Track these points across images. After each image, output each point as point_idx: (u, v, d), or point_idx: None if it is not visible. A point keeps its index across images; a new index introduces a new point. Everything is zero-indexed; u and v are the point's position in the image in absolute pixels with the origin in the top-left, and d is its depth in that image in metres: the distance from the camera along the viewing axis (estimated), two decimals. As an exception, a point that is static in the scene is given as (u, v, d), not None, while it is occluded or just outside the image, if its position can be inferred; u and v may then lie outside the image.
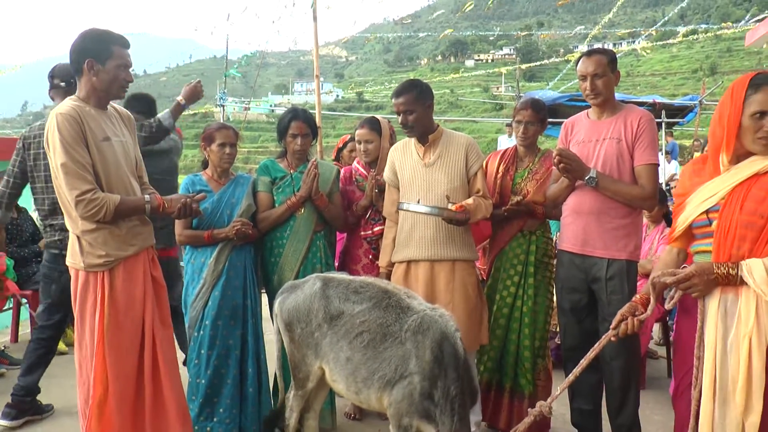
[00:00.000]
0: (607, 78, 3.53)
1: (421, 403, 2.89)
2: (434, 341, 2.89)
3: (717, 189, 2.55)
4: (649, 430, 4.01)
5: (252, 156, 45.21)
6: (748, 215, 2.45)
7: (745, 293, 2.43)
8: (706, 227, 2.60)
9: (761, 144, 2.47)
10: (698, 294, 2.52)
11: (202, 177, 4.00)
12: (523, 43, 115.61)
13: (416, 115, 3.71)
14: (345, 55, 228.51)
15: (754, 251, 2.44)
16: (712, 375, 2.48)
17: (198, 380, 3.83)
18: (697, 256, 2.70)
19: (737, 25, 29.18)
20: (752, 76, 2.55)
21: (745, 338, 2.40)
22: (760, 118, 2.45)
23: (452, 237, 3.71)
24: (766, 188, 2.44)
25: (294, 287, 3.53)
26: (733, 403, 2.44)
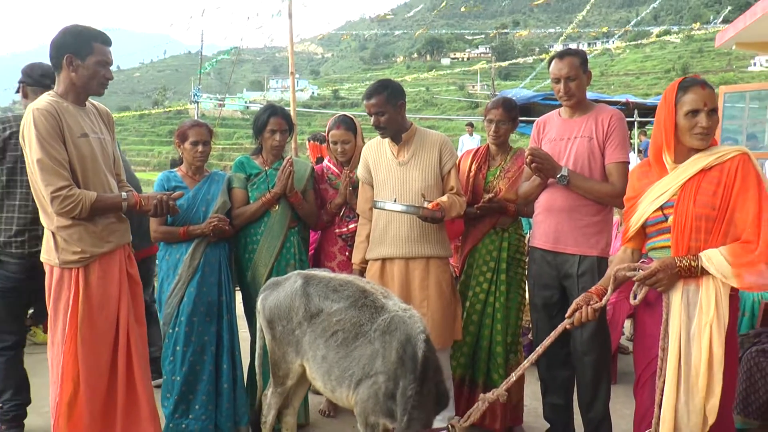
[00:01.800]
0: (579, 80, 3.59)
1: (385, 402, 2.92)
2: (399, 342, 2.91)
3: (668, 186, 2.73)
4: (619, 423, 4.08)
5: (227, 153, 44.86)
6: (702, 208, 2.63)
7: (705, 283, 2.60)
8: (661, 224, 2.76)
9: (698, 139, 2.68)
10: (663, 288, 2.67)
11: (177, 174, 4.00)
12: (499, 42, 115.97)
13: (388, 117, 3.73)
14: (321, 52, 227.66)
15: (710, 242, 2.62)
16: (676, 364, 2.62)
17: (173, 377, 3.83)
18: (653, 252, 2.85)
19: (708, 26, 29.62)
20: (681, 80, 2.79)
21: (707, 326, 2.57)
22: (694, 116, 2.66)
23: (426, 234, 3.75)
24: (714, 182, 2.63)
25: (276, 284, 3.54)
26: (696, 389, 2.58)
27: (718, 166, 2.65)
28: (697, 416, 2.59)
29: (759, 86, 12.71)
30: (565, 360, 3.80)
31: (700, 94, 2.66)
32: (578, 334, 3.62)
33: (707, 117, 2.65)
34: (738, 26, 11.31)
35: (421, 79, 69.71)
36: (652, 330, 2.80)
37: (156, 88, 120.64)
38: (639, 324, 3.04)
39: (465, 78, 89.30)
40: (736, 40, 11.98)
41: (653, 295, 2.79)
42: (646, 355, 2.84)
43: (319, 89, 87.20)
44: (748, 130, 11.99)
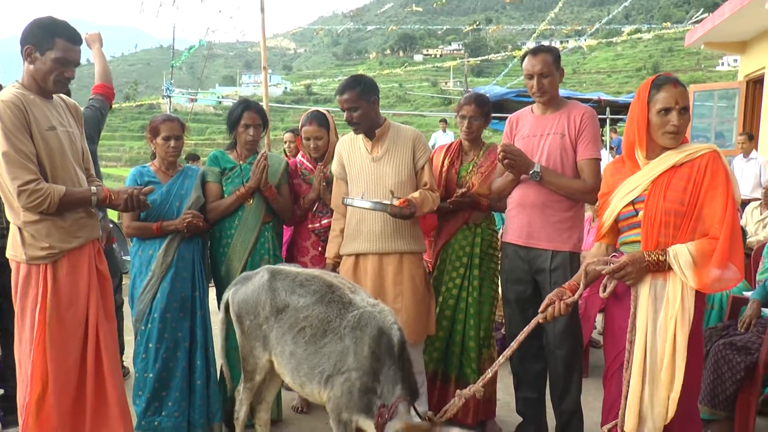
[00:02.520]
0: (552, 77, 3.60)
1: (361, 398, 2.90)
2: (371, 337, 2.91)
3: (639, 181, 2.77)
4: (591, 416, 4.11)
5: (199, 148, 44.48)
6: (671, 203, 2.67)
7: (672, 278, 2.65)
8: (632, 218, 2.81)
9: (669, 138, 2.72)
10: (632, 282, 2.72)
11: (150, 168, 3.96)
12: (472, 39, 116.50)
13: (361, 112, 3.71)
14: (293, 48, 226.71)
15: (679, 237, 2.67)
16: (642, 356, 2.68)
17: (146, 374, 3.79)
18: (624, 247, 2.90)
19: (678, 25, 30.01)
20: (654, 78, 2.82)
21: (672, 319, 2.62)
22: (665, 114, 2.70)
23: (400, 230, 3.74)
24: (684, 178, 2.67)
25: (246, 279, 3.52)
26: (660, 381, 2.64)
27: (688, 163, 2.69)
28: (661, 407, 2.65)
29: (727, 85, 12.92)
30: (537, 354, 3.83)
31: (672, 92, 2.69)
32: (550, 328, 3.66)
33: (678, 115, 2.68)
34: (706, 26, 11.51)
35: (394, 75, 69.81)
36: (620, 322, 2.85)
37: (127, 82, 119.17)
38: (608, 316, 3.09)
39: (438, 74, 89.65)
40: (704, 39, 12.19)
41: (622, 288, 2.83)
42: (615, 347, 2.89)
43: (291, 85, 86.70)
44: (716, 128, 12.16)
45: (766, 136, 10.96)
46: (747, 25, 10.76)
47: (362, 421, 2.96)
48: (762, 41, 11.27)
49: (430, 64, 68.41)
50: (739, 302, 4.71)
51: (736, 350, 4.04)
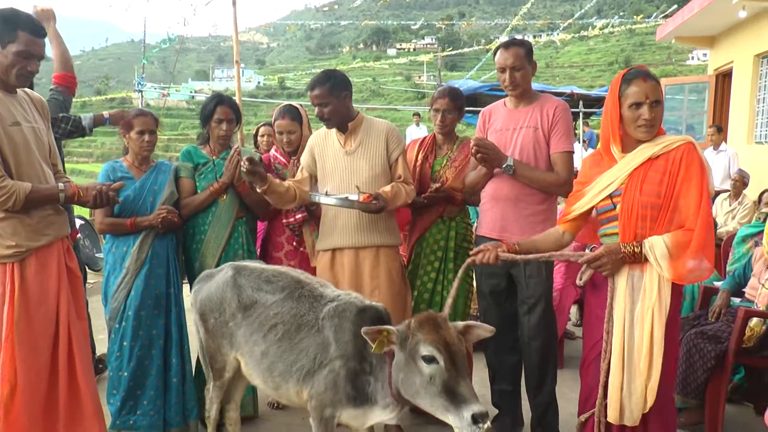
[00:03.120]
0: (524, 70, 3.61)
1: (346, 387, 2.85)
2: (352, 320, 2.87)
3: (616, 175, 2.79)
4: (566, 407, 4.15)
5: (172, 144, 44.02)
6: (648, 196, 2.70)
7: (649, 269, 2.68)
8: (610, 212, 2.83)
9: (642, 131, 2.74)
10: (608, 273, 2.75)
11: (123, 164, 3.89)
12: (445, 33, 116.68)
13: (331, 108, 3.68)
14: (266, 42, 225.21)
15: (656, 229, 2.69)
16: (620, 346, 2.71)
17: (120, 373, 3.73)
18: (605, 239, 2.92)
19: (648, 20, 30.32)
20: (625, 72, 2.84)
21: (649, 310, 2.66)
22: (637, 108, 2.72)
23: (376, 223, 3.74)
24: (660, 171, 2.70)
25: (209, 276, 3.48)
26: (638, 371, 2.68)
27: (664, 155, 2.72)
28: (639, 397, 2.69)
29: (697, 79, 13.09)
30: (512, 346, 3.85)
31: (642, 86, 2.71)
32: (525, 321, 3.69)
33: (650, 109, 2.70)
34: (676, 21, 11.66)
35: (368, 70, 69.73)
36: (597, 312, 2.89)
37: (98, 76, 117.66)
38: (587, 306, 3.13)
39: (411, 68, 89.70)
40: (675, 34, 12.34)
41: (599, 278, 2.86)
42: (592, 337, 2.93)
43: (264, 79, 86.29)
44: (687, 121, 12.31)
45: (734, 128, 11.13)
46: (715, 20, 10.92)
47: (347, 414, 2.91)
48: (730, 36, 11.45)
49: (404, 59, 68.48)
50: (710, 292, 4.78)
51: (707, 339, 4.10)
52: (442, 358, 2.46)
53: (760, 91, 10.52)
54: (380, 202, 3.53)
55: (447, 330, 2.54)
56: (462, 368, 2.48)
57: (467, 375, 2.50)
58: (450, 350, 2.48)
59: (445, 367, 2.46)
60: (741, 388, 4.71)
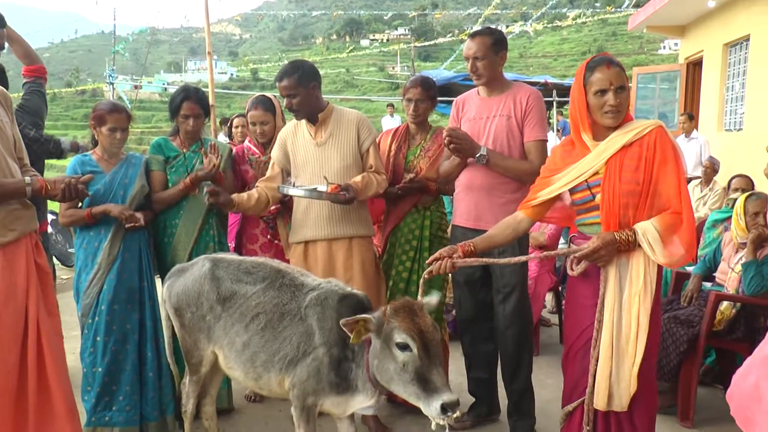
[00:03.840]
0: (488, 60, 3.61)
1: (329, 374, 2.86)
2: (334, 309, 2.88)
3: (591, 164, 2.79)
4: (542, 393, 4.20)
5: (145, 137, 43.43)
6: (627, 184, 2.71)
7: (635, 256, 2.71)
8: (589, 203, 2.84)
9: (608, 117, 2.75)
10: (604, 263, 2.75)
11: (92, 157, 3.80)
12: (418, 24, 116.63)
13: (300, 99, 3.67)
14: (239, 33, 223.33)
15: (637, 216, 2.72)
16: (610, 333, 2.73)
17: (94, 369, 3.68)
18: (583, 228, 2.93)
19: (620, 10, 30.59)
20: (588, 60, 2.86)
21: (636, 296, 2.70)
22: (602, 95, 2.73)
23: (348, 214, 3.73)
24: (635, 157, 2.72)
25: (182, 270, 3.44)
26: (626, 356, 2.71)
27: (637, 141, 2.73)
28: (626, 382, 2.73)
29: (668, 68, 13.21)
30: (488, 335, 3.88)
31: (606, 73, 2.72)
32: (501, 309, 3.71)
33: (615, 95, 2.71)
34: (648, 11, 11.75)
35: (341, 60, 69.53)
36: (584, 301, 2.90)
37: (68, 69, 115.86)
38: (570, 296, 3.11)
39: (385, 59, 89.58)
40: (646, 23, 12.45)
41: (589, 267, 2.85)
42: (579, 326, 2.93)
43: (238, 71, 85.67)
44: (659, 109, 12.43)
45: (705, 116, 11.26)
46: (685, 9, 11.04)
47: (329, 401, 2.92)
48: (700, 25, 11.57)
49: (377, 49, 68.34)
50: (683, 277, 4.85)
51: (680, 323, 4.17)
52: (415, 345, 2.48)
53: (729, 79, 10.65)
54: (350, 192, 3.52)
55: (422, 318, 2.56)
56: (435, 356, 2.49)
57: (440, 363, 2.51)
58: (424, 338, 2.49)
59: (418, 355, 2.48)
60: (712, 371, 4.80)
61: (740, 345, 4.21)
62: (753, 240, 4.18)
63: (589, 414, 2.82)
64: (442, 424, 2.41)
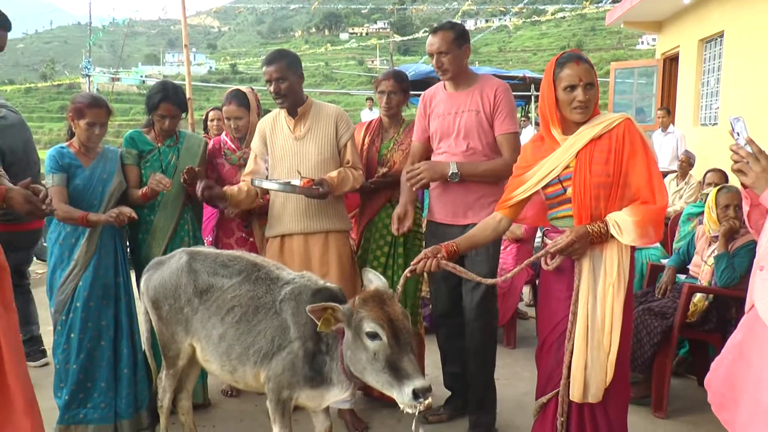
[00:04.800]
0: (452, 54, 3.59)
1: (304, 368, 2.86)
2: (308, 302, 2.84)
3: (561, 159, 2.82)
4: (518, 386, 4.24)
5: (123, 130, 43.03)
6: (598, 176, 2.74)
7: (609, 248, 2.75)
8: (560, 196, 2.86)
9: (577, 113, 2.78)
10: (578, 256, 2.78)
11: (70, 150, 3.71)
12: (398, 18, 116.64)
13: (289, 83, 3.67)
14: (217, 26, 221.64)
15: (609, 207, 2.75)
16: (584, 324, 2.76)
17: (67, 366, 3.64)
18: (556, 221, 2.95)
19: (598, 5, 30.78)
20: (558, 56, 2.88)
21: (610, 287, 2.73)
22: (571, 90, 2.75)
23: (325, 209, 3.74)
24: (605, 150, 2.75)
25: (160, 263, 3.42)
26: (601, 347, 2.75)
27: (606, 134, 2.76)
28: (601, 372, 2.76)
29: (645, 63, 13.31)
30: (462, 330, 3.87)
31: (575, 69, 2.74)
32: (468, 301, 3.71)
33: (584, 91, 2.74)
34: (624, 6, 11.83)
35: (320, 54, 69.23)
36: (558, 294, 2.92)
37: (43, 60, 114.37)
38: (543, 289, 3.13)
39: (364, 53, 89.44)
40: (623, 19, 12.53)
41: (564, 260, 2.87)
42: (552, 319, 2.95)
43: (216, 64, 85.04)
44: (636, 104, 12.53)
45: (681, 111, 11.37)
46: (662, 5, 11.12)
47: (304, 395, 2.92)
48: (676, 21, 11.67)
49: (356, 43, 68.12)
50: (657, 269, 4.91)
51: (654, 315, 4.22)
52: (385, 334, 2.48)
53: (705, 74, 10.76)
54: (324, 187, 3.51)
55: (392, 306, 2.56)
56: (405, 344, 2.50)
57: (411, 350, 2.51)
58: (393, 326, 2.50)
59: (388, 343, 2.49)
60: (686, 362, 4.87)
61: (712, 336, 4.28)
62: (724, 233, 4.25)
63: (563, 405, 2.85)
64: (413, 411, 2.42)
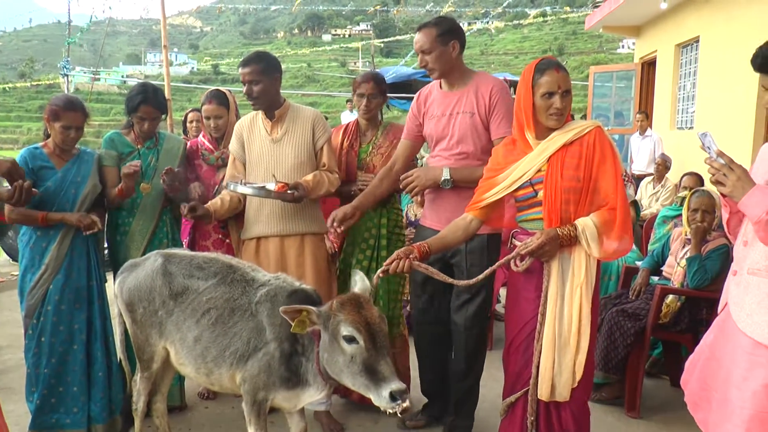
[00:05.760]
0: (437, 52, 3.44)
1: (280, 369, 2.87)
2: (284, 304, 2.83)
3: (533, 162, 2.86)
4: (494, 387, 4.24)
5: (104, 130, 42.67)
6: (568, 181, 2.79)
7: (577, 250, 2.80)
8: (531, 199, 2.90)
9: (553, 119, 2.83)
10: (548, 258, 2.82)
11: (43, 151, 3.66)
12: (380, 20, 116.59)
13: (262, 87, 3.66)
14: (200, 26, 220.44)
15: (578, 212, 2.81)
16: (553, 325, 2.81)
17: (38, 370, 3.60)
18: (525, 224, 2.99)
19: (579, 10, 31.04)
20: (537, 62, 2.90)
21: (578, 288, 2.78)
22: (549, 97, 2.79)
23: (301, 211, 3.74)
24: (576, 156, 2.80)
25: (134, 265, 3.41)
26: (568, 348, 2.80)
27: (578, 140, 2.81)
28: (569, 372, 2.82)
29: (625, 67, 13.42)
30: (442, 336, 3.83)
31: (554, 77, 2.78)
32: (464, 311, 3.59)
33: (561, 98, 2.78)
34: (604, 11, 11.93)
35: (303, 55, 69.17)
36: (526, 294, 2.96)
37: (22, 59, 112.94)
38: (512, 290, 3.15)
39: (347, 54, 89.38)
40: (602, 23, 12.65)
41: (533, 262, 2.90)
42: (521, 320, 2.99)
43: (198, 64, 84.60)
44: (615, 107, 12.64)
45: (659, 114, 11.50)
46: (640, 10, 11.24)
47: (280, 396, 2.93)
48: (654, 26, 11.81)
49: (339, 45, 68.10)
50: (632, 271, 4.97)
51: (627, 317, 4.28)
52: (362, 338, 2.51)
53: (681, 79, 10.89)
54: (300, 191, 3.51)
55: (369, 310, 2.58)
56: (382, 348, 2.52)
57: (388, 353, 2.54)
58: (370, 330, 2.52)
59: (365, 347, 2.51)
60: (659, 362, 4.94)
61: (684, 336, 4.35)
62: (694, 236, 4.33)
63: (533, 404, 2.90)
64: (392, 413, 2.45)
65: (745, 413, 2.31)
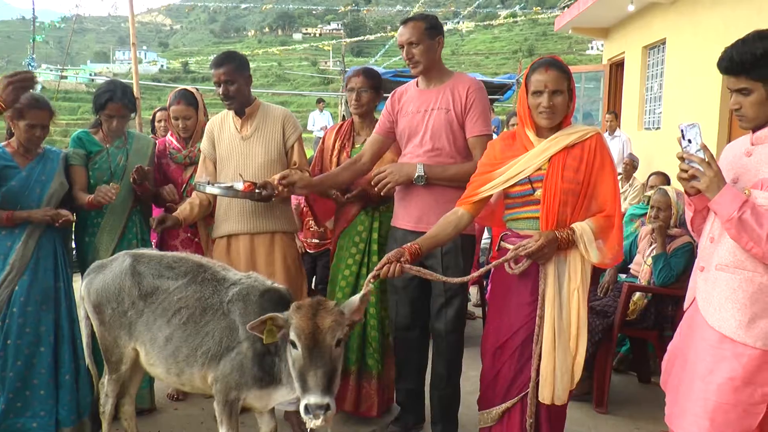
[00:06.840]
0: (424, 45, 3.43)
1: (252, 368, 2.86)
2: (257, 302, 2.88)
3: (533, 161, 2.87)
4: (464, 385, 4.26)
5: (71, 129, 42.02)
6: (568, 183, 2.81)
7: (573, 254, 2.82)
8: (527, 196, 2.90)
9: (542, 117, 2.85)
10: (545, 261, 2.83)
11: (6, 150, 3.60)
12: (351, 19, 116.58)
13: (237, 86, 3.66)
14: (170, 24, 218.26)
15: (575, 215, 2.83)
16: (552, 328, 2.82)
17: (3, 373, 3.51)
18: (515, 222, 2.99)
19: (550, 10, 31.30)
20: (534, 61, 2.94)
21: (575, 291, 2.82)
22: (538, 96, 2.82)
23: (271, 210, 3.73)
24: (577, 159, 2.83)
25: (101, 266, 3.36)
26: (567, 350, 2.82)
27: (579, 144, 2.84)
28: (568, 374, 2.84)
29: (593, 68, 13.58)
30: (420, 344, 3.80)
31: (543, 75, 2.82)
32: (443, 314, 3.54)
33: (548, 97, 2.80)
34: (573, 12, 12.07)
35: (273, 54, 68.80)
36: (520, 298, 2.95)
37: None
38: (500, 293, 3.10)
39: (317, 54, 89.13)
40: (571, 25, 12.79)
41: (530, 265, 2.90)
42: (513, 324, 2.96)
43: (168, 62, 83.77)
44: (584, 108, 12.77)
45: (627, 115, 11.65)
46: (607, 12, 11.39)
47: (252, 395, 2.92)
48: (621, 28, 11.97)
49: (309, 44, 67.89)
50: (598, 270, 5.01)
51: (595, 314, 4.33)
52: (300, 345, 2.54)
53: (648, 80, 11.05)
54: (268, 190, 3.49)
55: (321, 319, 2.56)
56: (317, 358, 2.51)
57: (322, 366, 2.51)
58: (310, 339, 2.52)
59: (301, 354, 2.53)
60: (626, 359, 5.01)
61: (650, 333, 4.43)
62: (658, 234, 4.42)
63: (532, 407, 2.89)
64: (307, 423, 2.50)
65: (709, 404, 2.37)
